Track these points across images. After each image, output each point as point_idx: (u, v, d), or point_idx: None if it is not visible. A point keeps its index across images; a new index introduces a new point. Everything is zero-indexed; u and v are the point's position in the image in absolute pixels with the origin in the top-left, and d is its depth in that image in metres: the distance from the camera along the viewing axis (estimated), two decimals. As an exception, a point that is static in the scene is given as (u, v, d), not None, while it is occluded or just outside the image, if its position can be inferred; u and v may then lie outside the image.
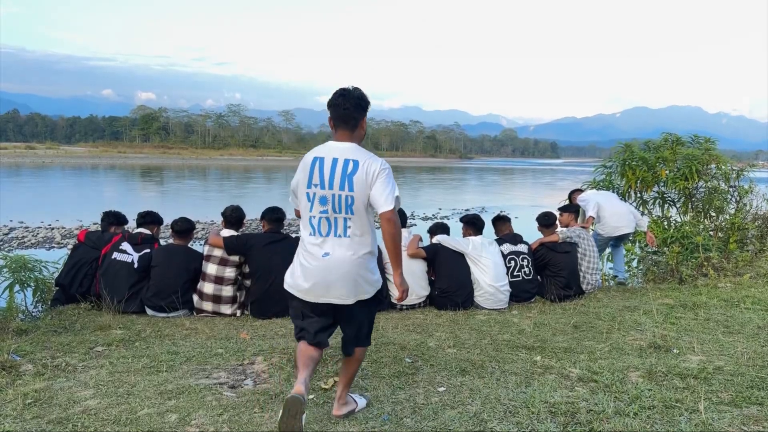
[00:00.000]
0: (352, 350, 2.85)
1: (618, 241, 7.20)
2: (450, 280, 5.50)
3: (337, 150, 2.71)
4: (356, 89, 2.78)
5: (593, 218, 6.85)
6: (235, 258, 5.09)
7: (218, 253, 5.07)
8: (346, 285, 2.68)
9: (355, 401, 2.94)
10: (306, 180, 2.72)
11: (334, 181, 2.66)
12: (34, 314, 5.10)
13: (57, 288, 5.24)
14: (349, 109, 2.73)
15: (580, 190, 7.74)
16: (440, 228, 5.93)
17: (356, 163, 2.67)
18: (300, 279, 2.73)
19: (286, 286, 2.81)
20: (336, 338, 3.06)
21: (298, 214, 2.91)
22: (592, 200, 6.98)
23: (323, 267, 2.66)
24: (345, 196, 2.66)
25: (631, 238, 7.81)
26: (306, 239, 2.75)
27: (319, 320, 2.78)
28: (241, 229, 5.39)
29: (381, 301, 3.19)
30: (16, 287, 5.07)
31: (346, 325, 2.82)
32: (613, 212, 6.96)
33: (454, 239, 5.73)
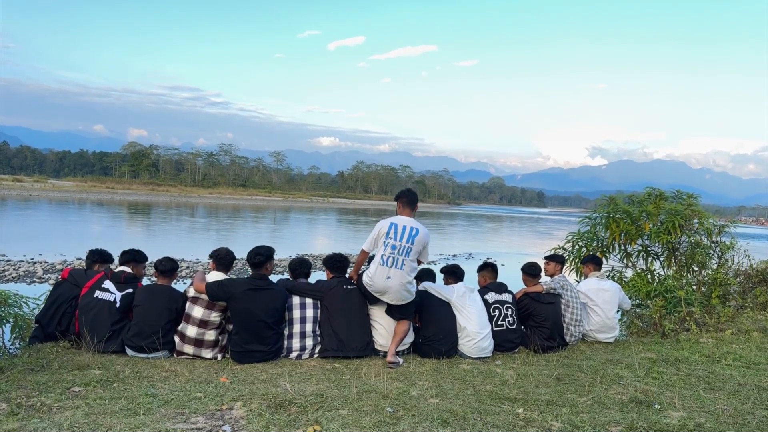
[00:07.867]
0: (401, 319, 5.18)
1: None
2: (436, 327, 5.49)
3: (406, 221, 5.04)
4: (413, 190, 5.34)
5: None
6: (223, 303, 5.03)
7: (205, 296, 5.00)
8: (398, 294, 4.98)
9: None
10: (385, 234, 4.94)
11: (403, 237, 4.93)
12: (11, 351, 5.00)
13: (36, 325, 5.15)
14: (412, 198, 5.21)
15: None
16: (426, 274, 5.96)
17: (418, 230, 5.00)
18: (373, 289, 5.01)
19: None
20: (318, 385, 4.14)
21: (363, 255, 5.14)
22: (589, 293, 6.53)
23: (386, 284, 4.93)
24: (407, 247, 4.93)
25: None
26: (378, 268, 4.91)
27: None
28: (229, 271, 5.36)
29: (415, 301, 5.25)
30: (-6, 323, 4.98)
31: (398, 311, 5.15)
32: (605, 319, 6.47)
33: (440, 286, 5.77)
